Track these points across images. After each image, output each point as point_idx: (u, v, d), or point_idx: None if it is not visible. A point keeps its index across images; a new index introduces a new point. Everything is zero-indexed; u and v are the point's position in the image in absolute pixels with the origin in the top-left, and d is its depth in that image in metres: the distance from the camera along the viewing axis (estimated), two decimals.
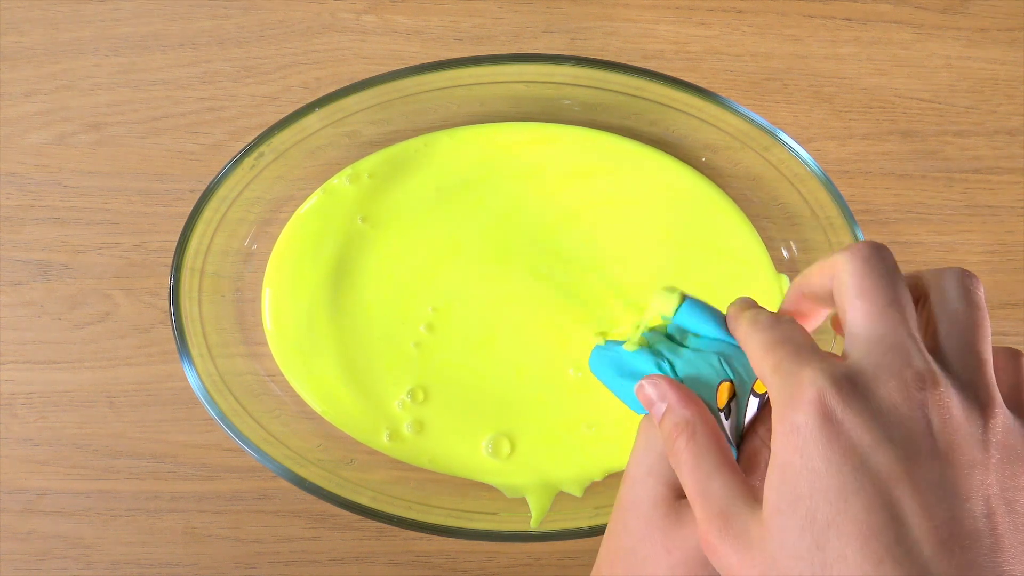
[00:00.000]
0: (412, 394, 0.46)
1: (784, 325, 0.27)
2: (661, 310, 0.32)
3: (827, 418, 0.22)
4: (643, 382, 0.30)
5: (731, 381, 0.29)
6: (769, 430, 0.27)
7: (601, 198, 0.48)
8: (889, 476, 0.21)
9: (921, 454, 0.22)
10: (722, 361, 0.30)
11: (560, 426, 0.47)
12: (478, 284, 0.47)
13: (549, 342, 0.47)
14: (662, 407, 0.29)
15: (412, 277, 0.47)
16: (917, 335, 0.24)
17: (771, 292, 0.48)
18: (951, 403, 0.23)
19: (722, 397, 0.29)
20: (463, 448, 0.46)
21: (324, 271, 0.47)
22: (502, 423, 0.47)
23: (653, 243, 0.48)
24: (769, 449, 0.26)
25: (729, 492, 0.25)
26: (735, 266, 0.49)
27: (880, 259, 0.26)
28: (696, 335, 0.31)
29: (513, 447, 0.46)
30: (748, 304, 0.30)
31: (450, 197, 0.48)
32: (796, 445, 0.23)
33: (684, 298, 0.32)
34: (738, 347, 0.30)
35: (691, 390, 0.29)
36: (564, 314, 0.47)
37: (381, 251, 0.47)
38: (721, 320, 0.31)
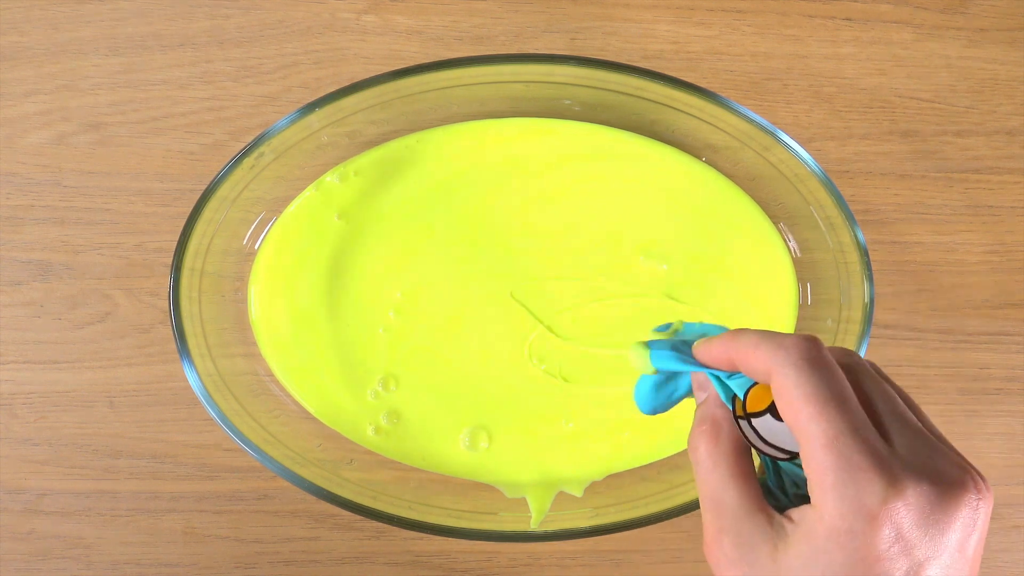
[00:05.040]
0: (384, 383, 0.46)
1: (837, 373, 0.25)
2: (639, 367, 0.31)
3: (893, 538, 0.23)
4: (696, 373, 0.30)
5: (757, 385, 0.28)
6: None
7: (592, 179, 0.48)
8: None
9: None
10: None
11: (536, 420, 0.47)
12: (446, 266, 0.47)
13: (515, 327, 0.47)
14: (701, 397, 0.29)
15: (384, 266, 0.47)
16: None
17: (781, 268, 0.48)
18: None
19: (757, 400, 0.28)
20: (441, 440, 0.46)
21: (305, 267, 0.47)
22: (477, 415, 0.47)
23: (646, 218, 0.48)
24: None
25: (742, 508, 0.26)
26: (744, 244, 0.48)
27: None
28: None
29: (491, 440, 0.46)
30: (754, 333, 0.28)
31: (432, 189, 0.48)
32: (844, 545, 0.23)
33: (648, 347, 0.31)
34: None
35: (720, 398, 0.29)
36: (534, 296, 0.47)
37: (357, 245, 0.47)
38: (688, 356, 0.30)
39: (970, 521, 0.23)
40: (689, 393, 0.31)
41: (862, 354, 0.45)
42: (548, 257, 0.48)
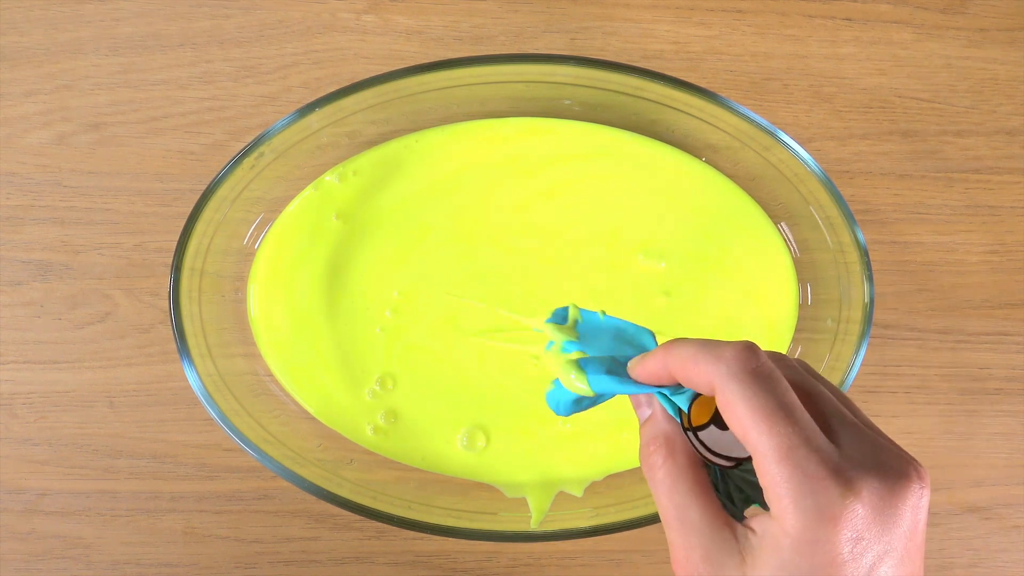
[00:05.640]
0: (381, 382, 0.46)
1: (781, 383, 0.25)
2: (576, 389, 0.30)
3: (853, 540, 0.23)
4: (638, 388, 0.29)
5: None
6: None
7: (591, 179, 0.48)
8: None
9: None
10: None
11: (533, 420, 0.47)
12: (443, 264, 0.47)
13: (511, 326, 0.47)
14: (645, 413, 0.29)
15: (382, 265, 0.47)
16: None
17: (781, 268, 0.48)
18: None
19: (701, 413, 0.28)
20: (439, 440, 0.46)
21: (304, 267, 0.47)
22: (474, 415, 0.47)
23: (645, 217, 0.48)
24: None
25: (708, 524, 0.26)
26: (744, 243, 0.48)
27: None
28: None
29: (488, 440, 0.46)
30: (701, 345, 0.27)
31: (430, 189, 0.48)
32: (809, 554, 0.23)
33: (575, 320, 0.31)
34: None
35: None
36: (530, 295, 0.47)
37: (356, 245, 0.47)
38: (625, 376, 0.29)
39: (916, 509, 0.24)
40: (610, 397, 0.31)
41: (862, 354, 0.45)
42: (546, 256, 0.48)
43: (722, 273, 0.48)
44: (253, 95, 0.50)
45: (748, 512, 0.27)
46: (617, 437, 0.47)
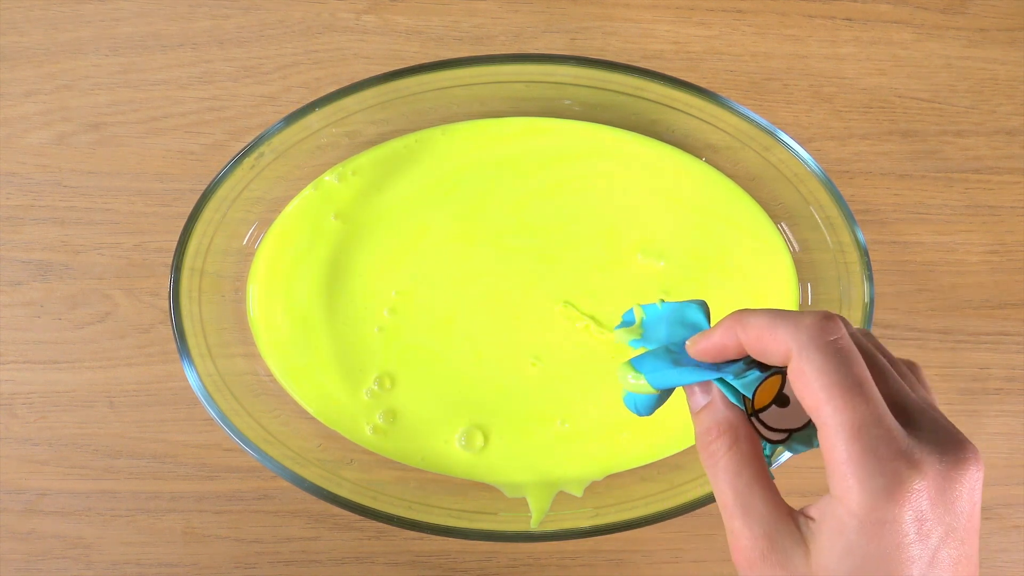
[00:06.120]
0: (379, 381, 0.46)
1: (858, 358, 0.25)
2: (637, 390, 0.30)
3: (919, 520, 0.23)
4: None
5: (779, 375, 0.27)
6: None
7: (591, 178, 0.48)
8: (951, 562, 0.24)
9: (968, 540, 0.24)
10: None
11: (531, 420, 0.47)
12: (441, 264, 0.47)
13: (510, 325, 0.47)
14: (702, 400, 0.28)
15: (380, 265, 0.47)
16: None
17: (781, 268, 0.48)
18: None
19: (765, 394, 0.27)
20: (438, 440, 0.46)
21: (303, 267, 0.47)
22: (472, 415, 0.47)
23: (645, 217, 0.48)
24: None
25: (772, 512, 0.25)
26: (744, 243, 0.48)
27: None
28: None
29: (486, 440, 0.46)
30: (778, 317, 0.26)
31: (430, 188, 0.48)
32: (876, 535, 0.23)
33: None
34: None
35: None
36: (528, 294, 0.47)
37: (355, 245, 0.47)
38: (686, 360, 0.29)
39: (973, 490, 0.24)
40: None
41: None
42: (546, 255, 0.48)
43: (722, 273, 0.48)
44: (253, 95, 0.50)
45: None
46: (617, 437, 0.47)
